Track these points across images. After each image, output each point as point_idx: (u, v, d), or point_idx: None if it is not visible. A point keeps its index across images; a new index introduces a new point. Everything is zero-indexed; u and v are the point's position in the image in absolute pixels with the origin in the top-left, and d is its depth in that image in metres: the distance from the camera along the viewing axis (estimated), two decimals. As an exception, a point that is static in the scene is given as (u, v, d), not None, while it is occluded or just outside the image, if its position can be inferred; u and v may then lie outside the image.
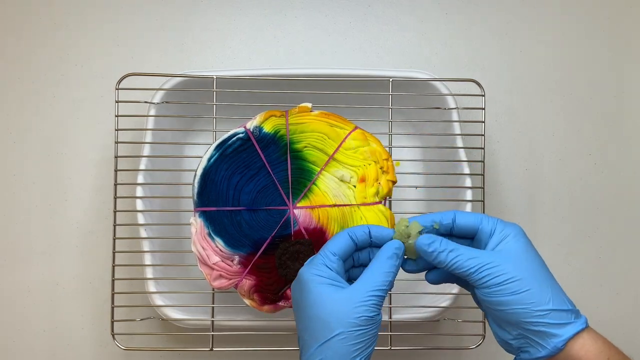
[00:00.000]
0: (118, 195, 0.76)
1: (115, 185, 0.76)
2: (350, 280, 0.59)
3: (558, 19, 0.90)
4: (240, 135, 0.71)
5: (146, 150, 0.78)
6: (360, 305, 0.53)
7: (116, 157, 0.76)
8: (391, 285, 0.55)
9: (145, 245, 0.76)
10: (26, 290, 0.84)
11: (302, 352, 0.55)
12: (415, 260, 0.59)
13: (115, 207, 0.76)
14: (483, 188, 0.77)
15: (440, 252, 0.55)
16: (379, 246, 0.57)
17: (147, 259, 0.76)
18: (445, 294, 0.76)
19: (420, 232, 0.57)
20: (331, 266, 0.55)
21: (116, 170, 0.76)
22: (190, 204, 0.72)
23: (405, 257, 0.58)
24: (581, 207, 0.88)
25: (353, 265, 0.59)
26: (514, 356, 0.57)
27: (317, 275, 0.55)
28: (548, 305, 0.53)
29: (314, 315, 0.53)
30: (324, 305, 0.53)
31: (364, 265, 0.58)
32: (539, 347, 0.53)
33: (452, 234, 0.58)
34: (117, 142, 0.76)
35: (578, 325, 0.53)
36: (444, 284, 0.78)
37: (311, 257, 0.58)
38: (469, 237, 0.58)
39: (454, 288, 0.76)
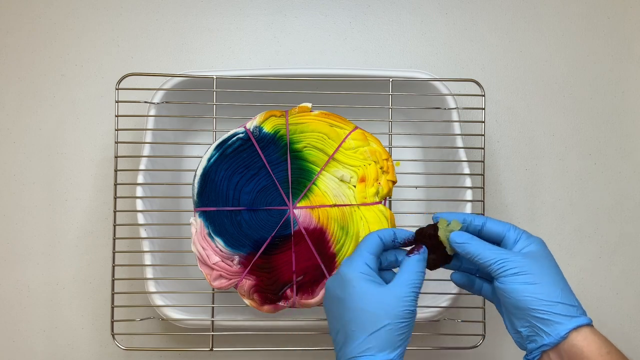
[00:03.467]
0: (118, 195, 0.76)
1: (115, 185, 0.76)
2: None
3: (558, 19, 0.90)
4: (240, 135, 0.71)
5: (146, 150, 0.77)
6: (404, 300, 0.58)
7: (116, 157, 0.76)
8: (422, 283, 0.61)
9: (145, 245, 0.76)
10: (26, 290, 0.84)
11: (347, 342, 0.58)
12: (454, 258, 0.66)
13: (115, 207, 0.76)
14: (483, 188, 0.77)
15: (469, 244, 0.61)
16: (402, 246, 0.64)
17: (147, 259, 0.76)
18: (446, 294, 0.76)
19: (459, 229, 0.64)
20: (370, 264, 0.60)
21: (116, 170, 0.76)
22: (190, 204, 0.72)
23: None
24: (581, 207, 0.88)
25: (380, 267, 0.64)
26: (525, 352, 0.61)
27: (361, 272, 0.59)
28: (556, 299, 0.57)
29: (362, 308, 0.58)
30: (371, 299, 0.58)
31: (391, 267, 0.64)
32: (544, 334, 0.57)
33: (480, 236, 0.63)
34: (117, 142, 0.76)
35: (582, 320, 0.57)
36: (446, 281, 0.78)
37: (349, 257, 0.62)
38: (496, 243, 0.63)
39: (454, 288, 0.76)
